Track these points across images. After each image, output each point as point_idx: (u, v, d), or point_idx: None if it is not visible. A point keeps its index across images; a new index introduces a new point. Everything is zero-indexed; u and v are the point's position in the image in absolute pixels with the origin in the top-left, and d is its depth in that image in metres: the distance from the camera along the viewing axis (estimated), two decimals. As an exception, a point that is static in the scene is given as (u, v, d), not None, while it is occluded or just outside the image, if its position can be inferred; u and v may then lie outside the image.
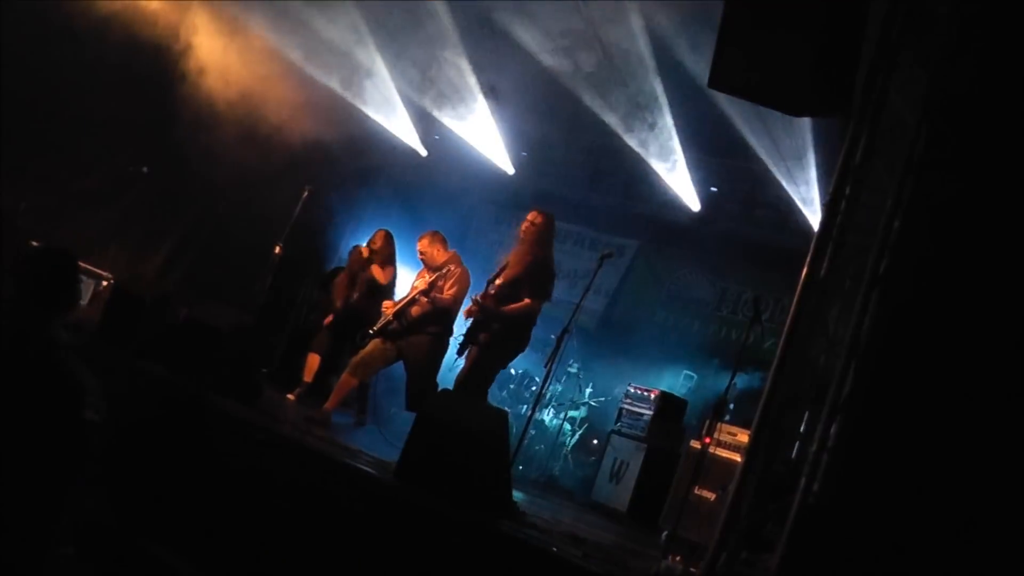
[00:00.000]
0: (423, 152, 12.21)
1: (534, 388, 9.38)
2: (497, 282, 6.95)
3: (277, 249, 9.10)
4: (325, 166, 10.30)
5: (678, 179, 10.33)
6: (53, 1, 8.68)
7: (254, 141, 9.56)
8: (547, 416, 9.50)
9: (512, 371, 9.86)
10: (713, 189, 10.54)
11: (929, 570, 3.85)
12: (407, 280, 8.48)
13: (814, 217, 8.87)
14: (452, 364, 7.68)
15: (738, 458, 6.33)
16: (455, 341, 7.47)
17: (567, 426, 9.47)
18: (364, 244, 8.77)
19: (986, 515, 3.89)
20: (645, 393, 8.55)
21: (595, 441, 9.51)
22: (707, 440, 6.71)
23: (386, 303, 7.80)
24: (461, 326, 7.38)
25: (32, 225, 8.75)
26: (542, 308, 7.03)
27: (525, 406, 9.35)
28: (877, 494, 4.06)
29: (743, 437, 6.62)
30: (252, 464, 5.39)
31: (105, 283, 8.57)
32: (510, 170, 11.71)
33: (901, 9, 4.51)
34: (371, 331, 7.64)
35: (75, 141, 9.51)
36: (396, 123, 11.61)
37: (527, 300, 6.86)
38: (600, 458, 8.77)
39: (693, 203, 10.49)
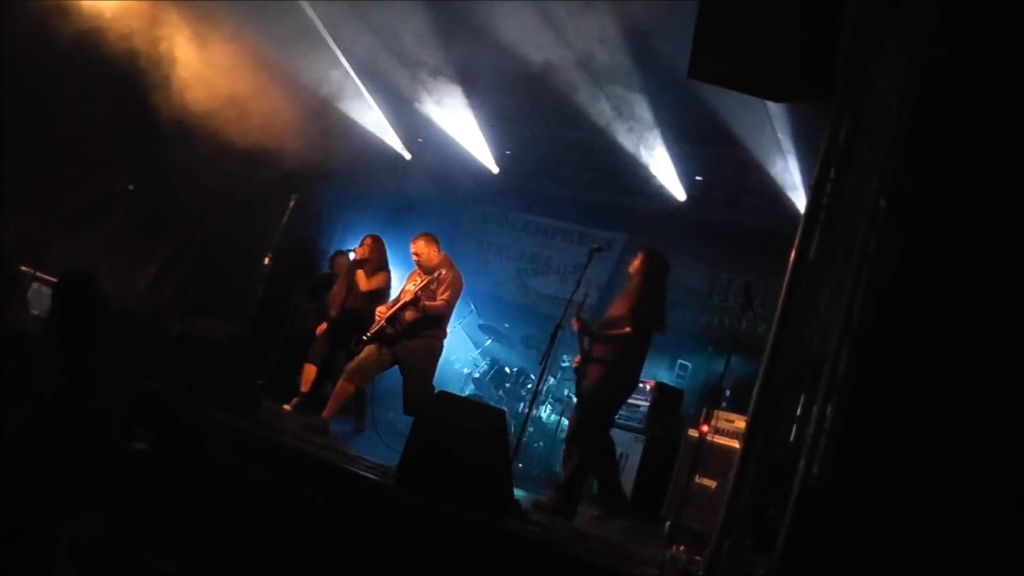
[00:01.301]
0: (407, 155, 12.23)
1: (530, 385, 9.39)
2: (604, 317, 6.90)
3: (267, 260, 9.10)
4: (310, 175, 10.29)
5: (663, 170, 10.37)
6: (28, 22, 8.65)
7: (238, 153, 9.55)
8: (544, 412, 9.51)
9: (507, 370, 9.89)
10: (698, 178, 10.57)
11: (932, 547, 3.87)
12: (399, 284, 8.48)
13: (801, 201, 8.90)
14: (448, 364, 7.66)
15: (737, 444, 6.35)
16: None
17: (565, 421, 9.48)
18: (351, 248, 8.77)
19: (986, 487, 3.91)
20: (641, 384, 8.56)
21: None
22: (705, 428, 6.72)
23: (380, 308, 7.79)
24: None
25: (21, 248, 8.73)
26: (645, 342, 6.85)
27: (522, 403, 9.37)
28: (877, 473, 4.08)
29: (741, 423, 6.63)
30: (254, 475, 5.40)
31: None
32: (495, 169, 11.73)
33: (880, -11, 4.53)
34: (365, 337, 7.63)
35: (59, 162, 9.49)
36: (378, 128, 11.63)
37: (627, 328, 6.70)
38: (599, 452, 8.77)
39: (679, 193, 10.53)
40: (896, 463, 4.03)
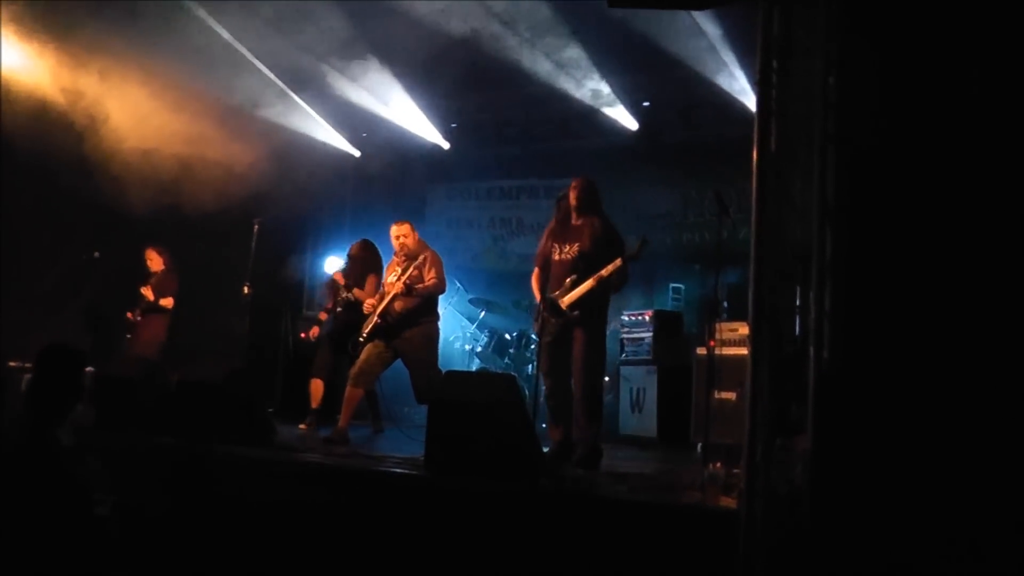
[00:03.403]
0: (356, 153, 12.17)
1: (533, 346, 9.41)
2: (568, 256, 6.56)
3: (245, 289, 9.07)
4: (266, 196, 10.21)
5: (609, 104, 10.35)
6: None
7: (190, 194, 9.47)
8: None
9: (507, 336, 9.90)
10: (646, 104, 10.55)
11: (953, 409, 3.89)
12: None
13: (752, 102, 8.88)
14: (448, 345, 7.64)
15: (746, 351, 6.38)
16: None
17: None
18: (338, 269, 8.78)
19: (992, 346, 3.92)
20: (640, 317, 8.60)
21: (606, 378, 9.56)
22: (712, 343, 6.76)
23: (368, 302, 7.75)
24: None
25: (2, 344, 8.63)
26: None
27: (530, 365, 9.40)
28: (885, 345, 4.10)
29: (745, 330, 6.66)
30: (286, 499, 5.40)
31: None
32: (445, 144, 11.70)
33: None
34: (361, 338, 7.62)
35: (20, 248, 9.39)
36: (319, 132, 11.57)
37: (617, 261, 6.19)
38: (616, 392, 8.83)
39: (630, 123, 10.52)
40: (902, 331, 4.05)
